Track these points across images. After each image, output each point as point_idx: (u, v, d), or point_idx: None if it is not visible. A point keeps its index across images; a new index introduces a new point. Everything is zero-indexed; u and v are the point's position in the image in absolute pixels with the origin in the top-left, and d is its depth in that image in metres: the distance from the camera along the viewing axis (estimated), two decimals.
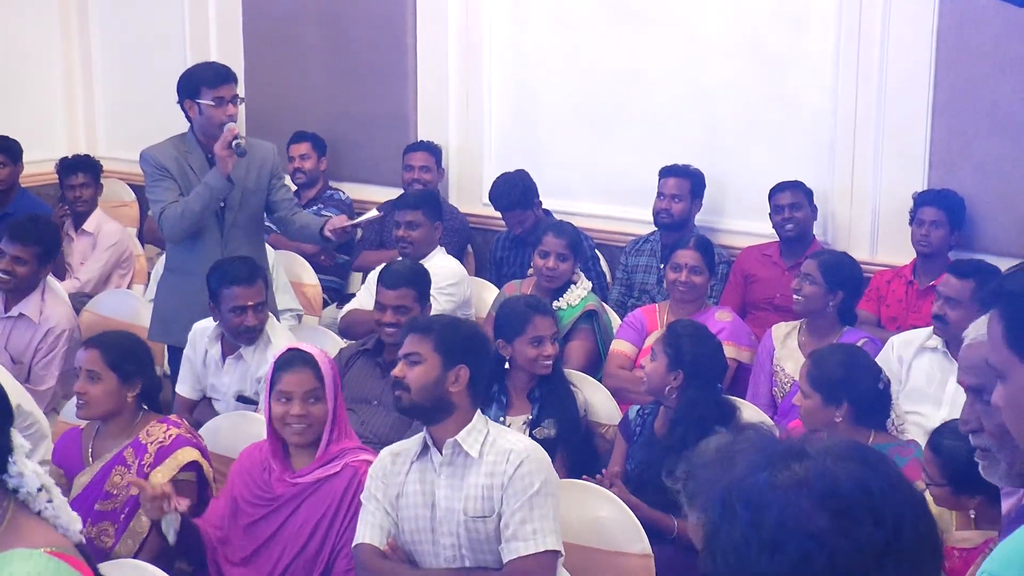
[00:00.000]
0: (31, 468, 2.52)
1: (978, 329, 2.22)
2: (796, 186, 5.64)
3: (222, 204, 5.01)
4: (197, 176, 4.95)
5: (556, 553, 3.30)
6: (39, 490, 2.55)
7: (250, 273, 4.60)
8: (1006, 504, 2.28)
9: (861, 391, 3.81)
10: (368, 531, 3.39)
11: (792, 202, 5.60)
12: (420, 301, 4.67)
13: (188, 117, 5.04)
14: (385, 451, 3.49)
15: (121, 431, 3.83)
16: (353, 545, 3.42)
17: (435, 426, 3.36)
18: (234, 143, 4.84)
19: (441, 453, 3.35)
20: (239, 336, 4.61)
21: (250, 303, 4.55)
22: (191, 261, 5.01)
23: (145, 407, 3.90)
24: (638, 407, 4.34)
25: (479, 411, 3.40)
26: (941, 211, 5.31)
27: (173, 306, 5.07)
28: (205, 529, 3.63)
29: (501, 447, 3.32)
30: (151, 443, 3.76)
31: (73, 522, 2.60)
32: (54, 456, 3.96)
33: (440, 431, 3.35)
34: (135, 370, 3.81)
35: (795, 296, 4.91)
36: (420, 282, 4.75)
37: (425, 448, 3.39)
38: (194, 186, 4.92)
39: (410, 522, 3.36)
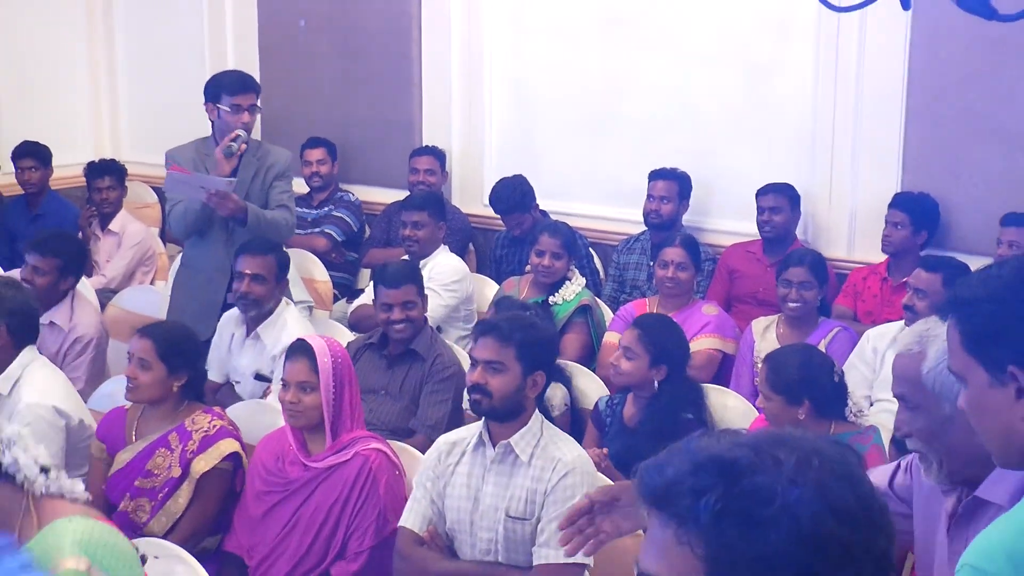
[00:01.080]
0: (25, 456, 2.64)
1: (903, 341, 2.34)
2: (779, 189, 5.75)
3: None
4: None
5: (584, 566, 3.32)
6: (41, 473, 2.66)
7: (262, 247, 4.74)
8: (948, 502, 2.34)
9: (819, 388, 3.89)
10: (411, 516, 3.47)
11: (772, 205, 5.74)
12: (421, 295, 4.76)
13: (211, 119, 5.15)
14: (442, 439, 3.55)
15: (165, 416, 3.95)
16: (399, 524, 3.51)
17: (499, 424, 3.41)
18: (227, 146, 4.92)
19: (495, 449, 3.41)
20: (237, 303, 4.75)
21: (248, 271, 4.68)
22: (198, 258, 5.16)
23: (189, 395, 4.00)
24: (607, 397, 4.47)
25: (536, 410, 3.46)
26: (904, 213, 5.47)
27: (183, 298, 5.22)
28: (240, 553, 3.78)
29: (551, 454, 3.36)
30: (196, 431, 3.87)
31: (77, 485, 2.75)
32: (98, 431, 4.06)
33: (500, 428, 3.40)
34: (183, 363, 3.94)
35: (791, 304, 5.03)
36: (418, 277, 4.82)
37: (481, 441, 3.44)
38: None
39: (452, 512, 3.43)
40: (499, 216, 6.29)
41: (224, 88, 5.10)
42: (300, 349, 3.78)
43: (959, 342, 1.87)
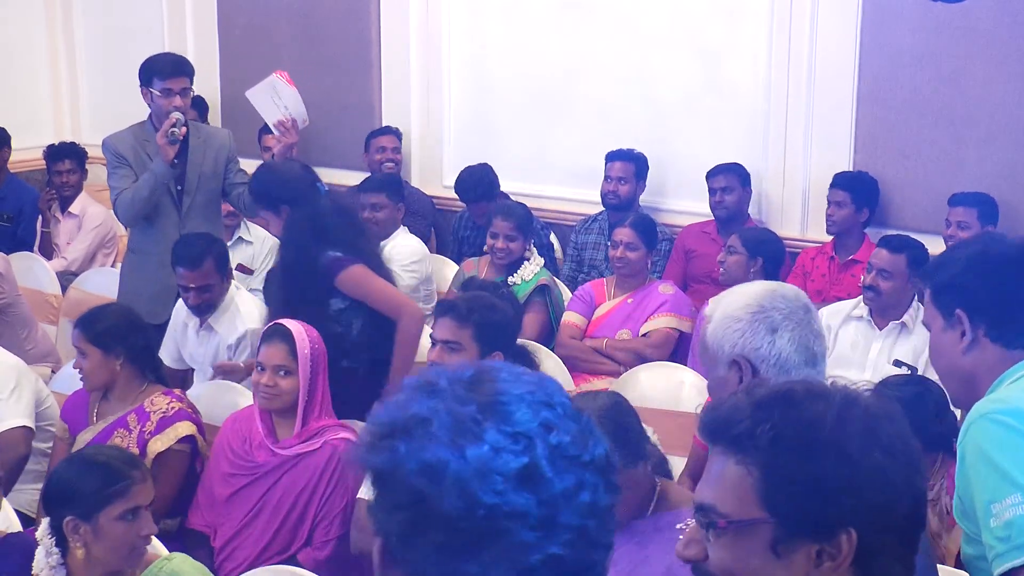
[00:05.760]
0: None
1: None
2: (729, 169, 5.83)
3: (179, 188, 5.07)
4: (152, 161, 4.99)
5: None
6: None
7: (197, 256, 4.59)
8: None
9: None
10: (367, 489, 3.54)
11: (724, 186, 5.81)
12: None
13: (147, 104, 5.11)
14: None
15: (125, 398, 3.99)
16: (357, 496, 3.54)
17: None
18: (170, 132, 4.90)
19: None
20: (191, 310, 4.71)
21: (192, 285, 4.60)
22: (149, 242, 5.12)
23: (147, 377, 4.03)
24: None
25: None
26: (845, 192, 5.57)
27: (135, 284, 5.16)
28: (204, 528, 3.81)
29: None
30: (154, 412, 3.91)
31: None
32: (62, 412, 4.15)
33: None
34: (115, 341, 3.94)
35: (721, 268, 5.15)
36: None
37: None
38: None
39: None
40: (463, 204, 6.34)
41: (155, 72, 5.05)
42: (278, 333, 3.80)
43: (929, 298, 2.25)
